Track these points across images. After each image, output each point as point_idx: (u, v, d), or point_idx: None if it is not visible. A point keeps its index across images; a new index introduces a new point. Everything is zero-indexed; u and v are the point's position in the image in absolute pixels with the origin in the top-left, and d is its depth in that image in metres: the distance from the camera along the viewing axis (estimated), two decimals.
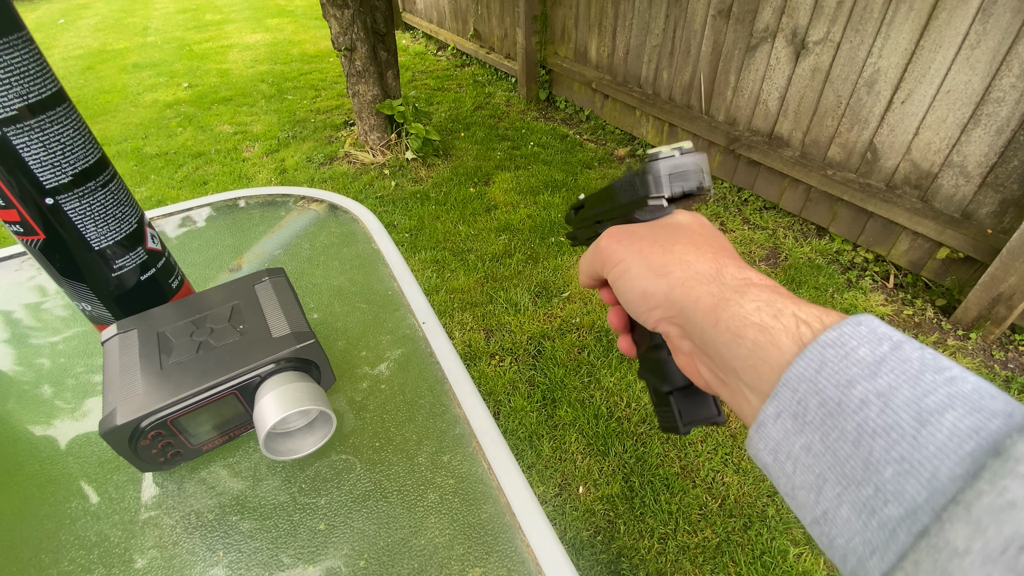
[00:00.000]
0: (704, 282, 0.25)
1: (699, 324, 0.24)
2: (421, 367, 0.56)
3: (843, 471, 0.17)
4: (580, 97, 3.34)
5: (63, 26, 6.68)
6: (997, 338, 1.73)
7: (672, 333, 0.27)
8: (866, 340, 0.18)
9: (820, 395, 0.18)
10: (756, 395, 0.21)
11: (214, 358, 0.44)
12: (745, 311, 0.22)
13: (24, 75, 0.39)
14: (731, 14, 2.22)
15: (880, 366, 0.17)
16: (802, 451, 0.19)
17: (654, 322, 0.27)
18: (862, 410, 0.17)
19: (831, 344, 0.19)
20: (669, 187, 0.29)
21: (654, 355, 0.30)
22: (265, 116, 3.58)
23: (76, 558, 0.41)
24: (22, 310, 0.65)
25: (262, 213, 0.83)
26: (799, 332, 0.20)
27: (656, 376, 0.30)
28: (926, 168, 1.81)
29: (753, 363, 0.21)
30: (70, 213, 0.44)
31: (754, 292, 0.23)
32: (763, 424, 0.20)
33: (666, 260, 0.26)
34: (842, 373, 0.18)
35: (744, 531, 1.25)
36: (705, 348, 0.24)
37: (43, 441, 0.49)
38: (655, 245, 0.28)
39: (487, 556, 0.41)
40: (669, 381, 0.29)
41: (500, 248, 2.21)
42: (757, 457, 0.21)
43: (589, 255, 0.32)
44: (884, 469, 0.16)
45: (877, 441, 0.16)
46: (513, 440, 1.47)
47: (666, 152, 0.28)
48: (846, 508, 0.17)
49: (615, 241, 0.29)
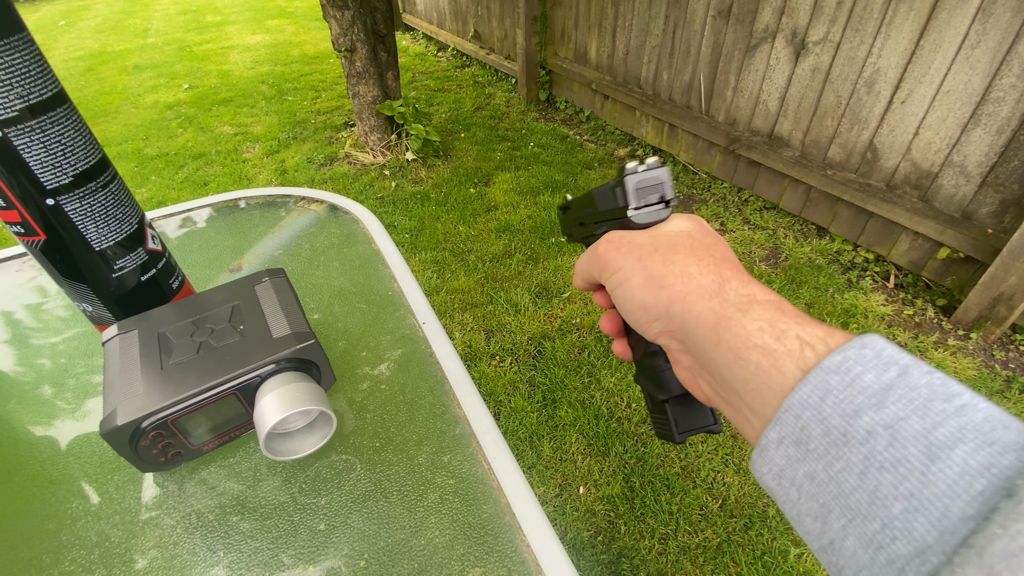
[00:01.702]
0: (706, 297, 0.24)
1: (700, 342, 0.23)
2: (421, 367, 0.56)
3: (848, 503, 0.17)
4: (580, 98, 3.35)
5: (64, 27, 6.69)
6: (998, 338, 1.73)
7: (672, 347, 0.26)
8: (872, 365, 0.18)
9: (824, 424, 0.18)
10: (759, 418, 0.21)
11: (214, 358, 0.44)
12: (748, 332, 0.21)
13: (25, 76, 0.39)
14: (731, 14, 2.22)
15: (887, 394, 0.17)
16: (805, 479, 0.18)
17: (654, 334, 0.27)
18: (868, 442, 0.16)
19: (835, 370, 0.18)
20: (638, 199, 0.29)
21: (650, 362, 0.30)
22: (265, 117, 3.58)
23: (77, 558, 0.41)
24: (23, 311, 0.65)
25: (262, 214, 0.83)
26: (803, 356, 0.20)
27: (653, 383, 0.30)
28: (926, 168, 1.81)
29: (756, 386, 0.21)
30: (71, 214, 0.44)
31: (757, 311, 0.22)
32: (766, 448, 0.20)
33: (666, 271, 0.26)
34: (847, 402, 0.17)
35: (745, 531, 1.25)
36: (706, 366, 0.24)
37: (44, 441, 0.50)
38: (655, 254, 0.27)
39: (487, 556, 0.41)
40: (665, 389, 0.29)
41: (500, 249, 2.21)
42: (761, 480, 0.21)
43: (587, 259, 0.31)
44: (892, 505, 0.15)
45: (884, 475, 0.16)
46: (513, 440, 1.47)
47: (632, 167, 0.29)
48: (852, 540, 0.16)
49: (614, 248, 0.28)
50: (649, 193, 0.29)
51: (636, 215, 0.29)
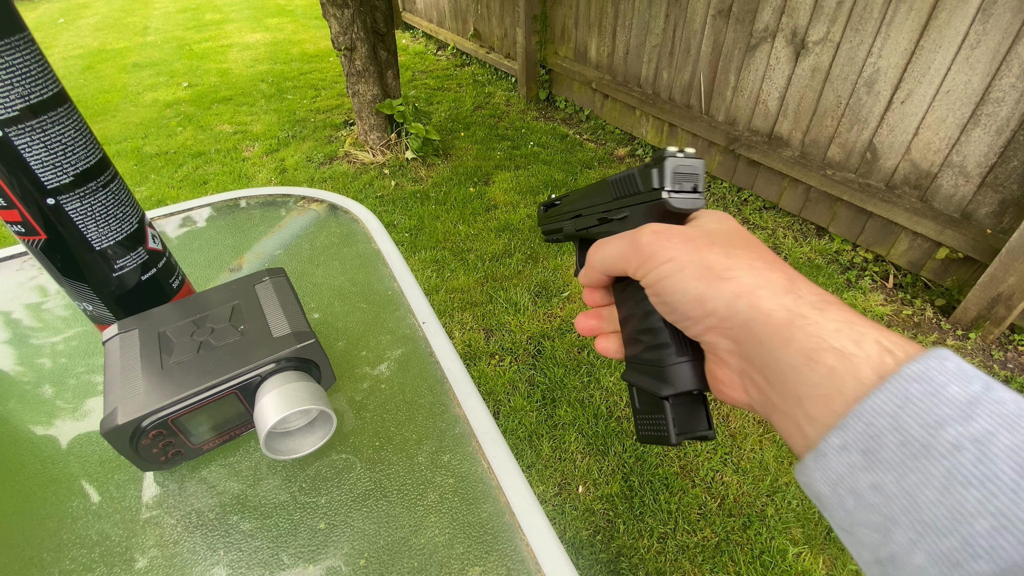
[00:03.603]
0: (778, 293, 0.22)
1: (765, 341, 0.21)
2: (421, 367, 0.56)
3: (922, 517, 0.16)
4: (580, 97, 3.35)
5: (63, 25, 6.67)
6: (996, 338, 1.73)
7: (720, 345, 0.24)
8: (955, 377, 0.17)
9: (902, 433, 0.17)
10: (816, 425, 0.19)
11: (215, 358, 0.44)
12: (824, 332, 0.20)
13: (26, 76, 0.39)
14: (731, 14, 2.22)
15: (973, 408, 0.16)
16: (869, 489, 0.17)
17: (700, 331, 0.24)
18: (953, 456, 0.16)
19: (917, 378, 0.17)
20: (675, 182, 0.28)
21: (653, 356, 0.28)
22: (265, 116, 3.58)
23: (77, 557, 0.41)
24: (23, 310, 0.65)
25: (262, 213, 0.83)
26: (882, 362, 0.18)
27: (655, 379, 0.28)
28: (926, 168, 1.82)
29: (825, 392, 0.19)
30: (71, 213, 0.44)
31: (833, 311, 0.21)
32: (824, 455, 0.19)
33: (730, 263, 0.24)
34: (930, 412, 0.16)
35: (743, 530, 1.25)
36: (766, 368, 0.22)
37: (44, 441, 0.50)
38: (714, 246, 0.24)
39: (487, 555, 0.41)
40: (671, 384, 0.27)
41: (500, 248, 2.21)
42: (809, 486, 0.20)
43: (617, 249, 0.28)
44: (976, 522, 0.15)
45: (970, 492, 0.15)
46: (513, 440, 1.47)
47: (672, 151, 0.28)
48: (921, 556, 0.16)
49: (664, 238, 0.26)
50: (685, 180, 0.28)
51: (674, 199, 0.27)
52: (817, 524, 1.25)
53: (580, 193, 0.35)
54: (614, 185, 0.31)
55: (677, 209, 0.28)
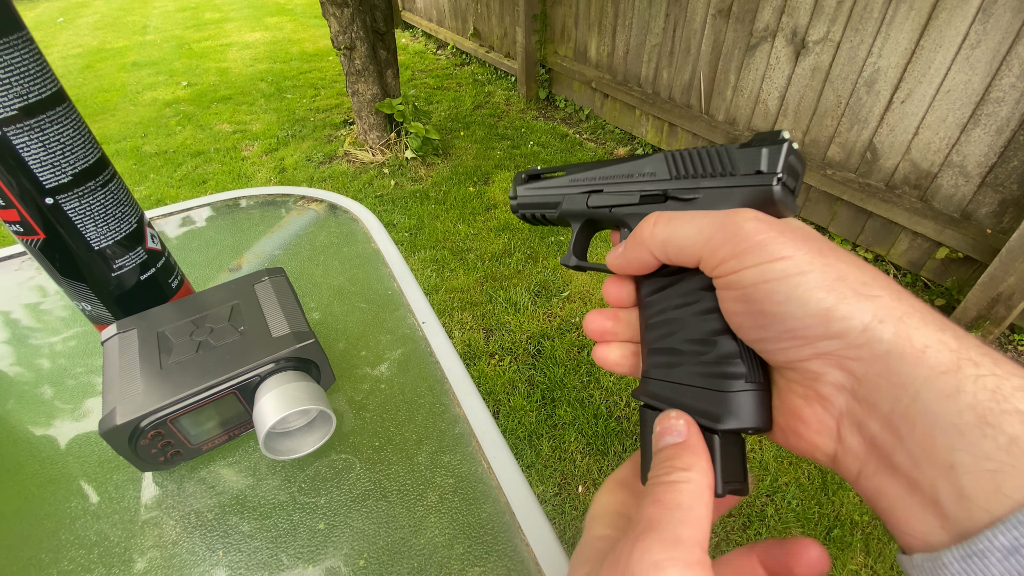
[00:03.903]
0: (933, 327, 0.17)
1: (910, 386, 0.16)
2: (421, 367, 0.56)
3: None
4: (580, 96, 3.34)
5: (62, 24, 6.67)
6: (996, 338, 1.73)
7: (828, 379, 0.19)
8: None
9: None
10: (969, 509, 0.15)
11: (214, 358, 0.44)
12: (1005, 389, 0.15)
13: (24, 75, 0.39)
14: (731, 13, 2.22)
15: None
16: None
17: (809, 355, 0.19)
18: None
19: None
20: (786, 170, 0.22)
21: (708, 374, 0.22)
22: (264, 115, 3.58)
23: (76, 557, 0.41)
24: (22, 310, 0.65)
25: (262, 213, 0.83)
26: None
27: (709, 404, 0.22)
28: (926, 168, 1.82)
29: (997, 467, 0.15)
30: (70, 213, 0.44)
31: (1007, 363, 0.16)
32: (981, 555, 0.14)
33: (866, 277, 0.18)
34: None
35: (743, 530, 1.25)
36: (899, 419, 0.17)
37: (43, 441, 0.50)
38: (839, 251, 0.19)
39: (487, 555, 0.41)
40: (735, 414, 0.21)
41: (500, 247, 2.21)
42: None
43: (702, 230, 0.21)
44: None
45: None
46: (513, 439, 1.47)
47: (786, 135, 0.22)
48: None
49: (775, 230, 0.20)
50: (793, 174, 0.22)
51: (783, 191, 0.22)
52: (817, 524, 1.25)
53: (587, 166, 0.29)
54: (676, 160, 0.25)
55: (780, 204, 0.22)
